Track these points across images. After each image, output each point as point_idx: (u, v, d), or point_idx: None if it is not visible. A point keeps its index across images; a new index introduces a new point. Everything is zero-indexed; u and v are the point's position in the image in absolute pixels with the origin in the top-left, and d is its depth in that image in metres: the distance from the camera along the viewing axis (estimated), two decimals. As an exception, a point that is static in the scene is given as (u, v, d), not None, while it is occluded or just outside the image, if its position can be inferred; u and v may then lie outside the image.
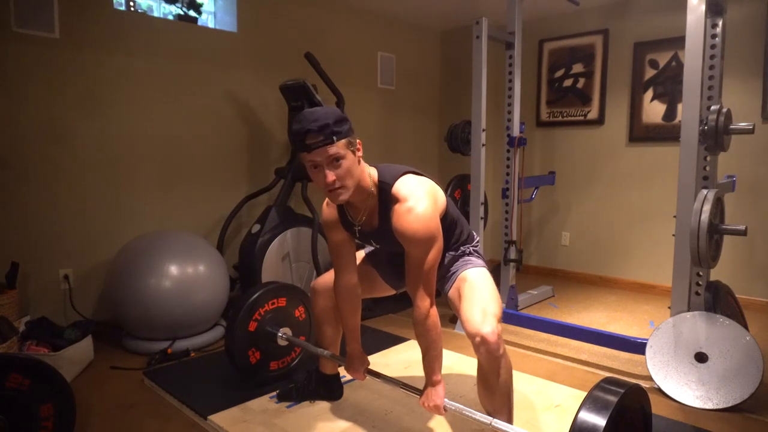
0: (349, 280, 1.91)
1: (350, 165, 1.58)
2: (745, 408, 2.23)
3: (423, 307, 1.66)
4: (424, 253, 1.63)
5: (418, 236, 1.62)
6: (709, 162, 2.46)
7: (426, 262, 1.64)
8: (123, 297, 2.76)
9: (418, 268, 1.65)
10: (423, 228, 1.61)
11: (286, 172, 3.51)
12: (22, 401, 1.67)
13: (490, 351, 1.62)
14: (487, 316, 1.66)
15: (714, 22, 2.43)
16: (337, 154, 1.54)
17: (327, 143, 1.53)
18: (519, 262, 3.57)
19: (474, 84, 3.22)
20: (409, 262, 1.67)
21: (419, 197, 1.64)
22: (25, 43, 2.84)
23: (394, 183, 1.67)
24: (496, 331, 1.63)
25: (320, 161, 1.55)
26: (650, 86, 4.07)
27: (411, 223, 1.61)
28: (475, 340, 1.64)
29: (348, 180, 1.59)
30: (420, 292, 1.66)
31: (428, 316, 1.67)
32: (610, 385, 1.32)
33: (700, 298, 2.46)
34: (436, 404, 1.73)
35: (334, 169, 1.56)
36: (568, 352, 2.92)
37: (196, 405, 2.20)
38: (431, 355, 1.73)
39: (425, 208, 1.63)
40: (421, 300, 1.67)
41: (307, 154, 1.55)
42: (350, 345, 2.00)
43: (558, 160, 4.63)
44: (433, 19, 4.89)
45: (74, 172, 3.06)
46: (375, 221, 1.75)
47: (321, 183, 1.58)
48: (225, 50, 3.67)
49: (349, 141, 1.58)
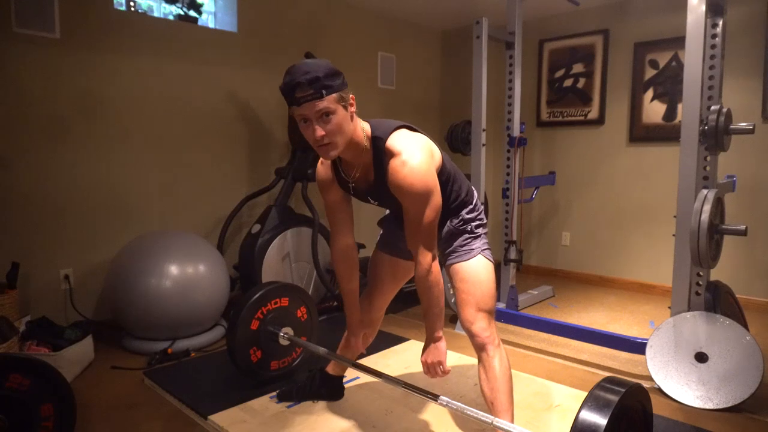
0: (346, 242, 1.90)
1: (341, 120, 1.52)
2: (745, 408, 2.23)
3: (424, 263, 1.65)
4: (422, 207, 1.60)
5: (415, 190, 1.58)
6: (709, 162, 2.46)
7: (425, 217, 1.61)
8: (123, 297, 2.76)
9: (417, 224, 1.62)
10: (419, 181, 1.58)
11: (286, 172, 3.51)
12: (22, 401, 1.67)
13: (483, 346, 1.72)
14: (479, 312, 1.72)
15: (714, 22, 2.43)
16: (326, 109, 1.49)
17: (316, 97, 1.47)
18: (519, 262, 3.58)
19: (474, 84, 3.22)
20: (408, 218, 1.64)
21: (414, 151, 1.60)
22: (25, 43, 2.84)
23: (387, 138, 1.63)
24: (486, 327, 1.72)
25: (309, 116, 1.50)
26: (650, 86, 4.07)
27: (406, 177, 1.58)
28: (468, 335, 1.75)
29: (337, 136, 1.54)
30: (420, 248, 1.64)
31: (429, 272, 1.65)
32: (611, 385, 1.32)
33: (700, 298, 2.46)
34: (439, 360, 1.73)
35: (324, 124, 1.50)
36: (568, 352, 2.92)
37: (196, 405, 2.20)
38: (433, 312, 1.71)
39: (420, 161, 1.59)
40: (423, 256, 1.64)
41: (296, 107, 1.50)
42: (349, 310, 1.99)
43: (558, 160, 4.63)
44: (433, 19, 4.89)
45: (74, 171, 3.05)
46: (371, 177, 1.70)
47: (310, 138, 1.55)
48: (225, 50, 3.67)
49: (341, 96, 1.52)
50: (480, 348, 1.74)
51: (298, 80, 1.47)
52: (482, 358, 1.74)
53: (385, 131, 1.64)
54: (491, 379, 1.71)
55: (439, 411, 2.14)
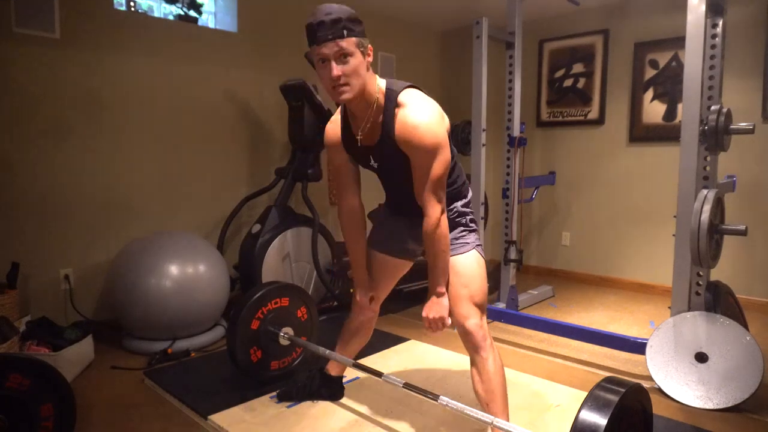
0: (352, 203, 1.90)
1: (358, 64, 1.56)
2: (745, 408, 2.23)
3: (433, 216, 1.64)
4: (431, 160, 1.60)
5: (425, 141, 1.58)
6: (709, 162, 2.46)
7: (433, 170, 1.61)
8: (123, 297, 2.76)
9: (426, 176, 1.61)
10: (429, 132, 1.58)
11: (286, 172, 3.51)
12: (22, 401, 1.67)
13: (474, 343, 1.71)
14: (472, 308, 1.71)
15: (714, 22, 2.43)
16: (346, 50, 1.53)
17: (337, 36, 1.51)
18: (519, 262, 3.58)
19: (474, 84, 3.22)
20: (417, 173, 1.64)
21: (425, 105, 1.63)
22: (25, 43, 2.84)
23: (400, 91, 1.65)
24: (479, 324, 1.70)
25: (328, 54, 1.53)
26: (650, 86, 4.07)
27: (417, 128, 1.58)
28: (461, 333, 1.74)
29: (354, 78, 1.56)
30: (430, 200, 1.63)
31: (438, 226, 1.64)
32: (611, 385, 1.32)
33: (700, 298, 2.46)
34: (441, 315, 1.71)
35: (342, 65, 1.54)
36: (568, 352, 2.92)
37: (196, 405, 2.20)
38: (438, 266, 1.70)
39: (432, 114, 1.61)
40: (432, 208, 1.64)
41: (316, 46, 1.54)
42: (357, 272, 1.97)
43: (558, 160, 4.63)
44: (433, 19, 4.89)
45: (74, 171, 3.05)
46: (377, 134, 1.69)
47: (326, 78, 1.57)
48: (225, 50, 3.67)
49: (361, 41, 1.56)
50: (474, 348, 1.72)
51: (321, 19, 1.52)
52: (476, 359, 1.73)
53: (400, 86, 1.67)
54: (485, 380, 1.71)
55: (439, 411, 2.14)
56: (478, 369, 1.72)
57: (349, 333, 2.15)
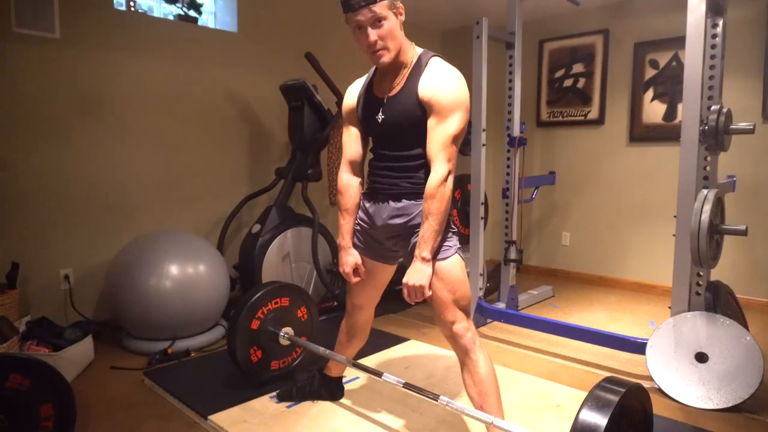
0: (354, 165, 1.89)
1: (393, 26, 1.60)
2: (745, 408, 2.23)
3: (439, 173, 1.61)
4: (450, 115, 1.60)
5: (449, 95, 1.60)
6: (709, 162, 2.46)
7: (450, 126, 1.61)
8: (123, 297, 2.76)
9: (441, 132, 1.61)
10: (455, 88, 1.61)
11: (286, 172, 3.51)
12: (22, 401, 1.67)
13: (463, 345, 1.69)
14: (457, 312, 1.69)
15: (714, 22, 2.43)
16: (380, 14, 1.57)
17: (370, 2, 1.55)
18: (519, 262, 3.58)
19: (474, 84, 3.22)
20: (432, 128, 1.63)
21: (455, 70, 1.67)
22: (25, 43, 2.84)
23: (434, 55, 1.71)
24: (466, 327, 1.69)
25: (363, 21, 1.58)
26: (650, 86, 4.07)
27: (444, 81, 1.62)
28: (448, 338, 1.72)
29: (390, 41, 1.61)
30: (441, 157, 1.61)
31: (442, 184, 1.61)
32: (611, 385, 1.32)
33: (700, 298, 2.46)
34: (422, 284, 1.63)
35: (377, 29, 1.59)
36: (568, 352, 2.92)
37: (196, 405, 2.20)
38: (430, 226, 1.62)
39: (459, 77, 1.65)
40: (441, 165, 1.61)
41: (351, 14, 1.58)
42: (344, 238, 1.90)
43: (558, 160, 4.63)
44: (433, 19, 4.89)
45: (74, 171, 3.05)
46: (399, 85, 1.70)
47: (364, 44, 1.62)
48: (225, 50, 3.67)
49: (392, 2, 1.60)
50: (463, 351, 1.70)
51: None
52: (466, 362, 1.71)
53: (432, 53, 1.73)
54: (478, 383, 1.69)
55: (439, 411, 2.14)
56: (469, 372, 1.71)
57: (345, 334, 2.13)
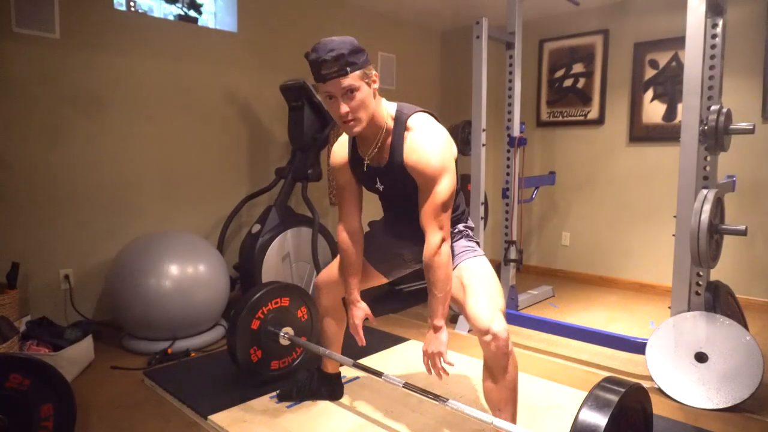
0: (353, 223, 1.89)
1: (364, 97, 1.58)
2: (745, 408, 2.23)
3: (432, 242, 1.63)
4: (436, 184, 1.61)
5: (432, 165, 1.60)
6: (709, 162, 2.46)
7: (438, 194, 1.61)
8: (123, 297, 2.76)
9: (430, 201, 1.62)
10: (436, 157, 1.60)
11: (286, 172, 3.51)
12: (22, 401, 1.67)
13: (500, 348, 1.60)
14: (496, 311, 1.63)
15: (714, 22, 2.43)
16: (351, 86, 1.55)
17: (341, 74, 1.52)
18: (519, 262, 3.58)
19: (474, 84, 3.22)
20: (422, 197, 1.64)
21: (435, 130, 1.64)
22: (25, 43, 2.84)
23: (411, 115, 1.68)
24: (506, 328, 1.62)
25: (334, 92, 1.56)
26: (650, 86, 4.07)
27: (424, 152, 1.61)
28: (485, 337, 1.60)
29: (361, 112, 1.59)
30: (432, 226, 1.63)
31: (436, 253, 1.62)
32: (611, 385, 1.32)
33: (700, 298, 2.46)
34: (439, 351, 1.68)
35: (348, 101, 1.56)
36: (568, 352, 2.92)
37: (196, 405, 2.20)
38: (436, 297, 1.65)
39: (440, 139, 1.63)
40: (433, 234, 1.63)
41: (322, 84, 1.56)
42: (351, 293, 1.91)
43: (558, 160, 4.63)
44: (433, 19, 4.89)
45: (74, 171, 3.05)
46: (385, 156, 1.70)
47: (335, 114, 1.60)
48: (225, 50, 3.67)
49: (365, 72, 1.57)
50: (500, 355, 1.61)
51: (324, 58, 1.52)
52: (498, 365, 1.63)
53: (410, 109, 1.70)
54: (502, 387, 1.65)
55: (439, 411, 2.14)
56: (495, 376, 1.64)
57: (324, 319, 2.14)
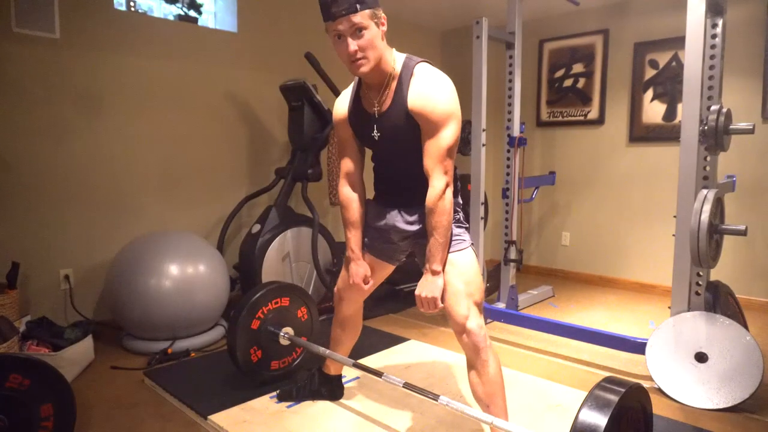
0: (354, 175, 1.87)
1: (373, 37, 1.57)
2: (745, 408, 2.23)
3: (438, 186, 1.62)
4: (443, 128, 1.60)
5: (440, 108, 1.59)
6: (709, 162, 2.46)
7: (444, 139, 1.61)
8: (123, 297, 2.76)
9: (435, 145, 1.61)
10: (444, 100, 1.61)
11: (286, 172, 3.51)
12: (22, 401, 1.67)
13: (476, 342, 1.66)
14: (472, 307, 1.67)
15: (714, 22, 2.43)
16: (360, 24, 1.53)
17: (351, 12, 1.52)
18: (519, 262, 3.58)
19: (474, 84, 3.22)
20: (426, 142, 1.63)
21: (442, 77, 1.65)
22: (25, 43, 2.84)
23: (418, 62, 1.68)
24: (480, 324, 1.66)
25: (343, 30, 1.54)
26: (650, 86, 4.07)
27: (432, 94, 1.61)
28: (461, 335, 1.67)
29: (370, 51, 1.57)
30: (437, 170, 1.62)
31: (441, 198, 1.62)
32: (611, 385, 1.32)
33: (700, 298, 2.46)
34: (434, 296, 1.65)
35: (357, 39, 1.55)
36: (568, 352, 2.92)
37: (196, 405, 2.20)
38: (437, 241, 1.64)
39: (448, 84, 1.64)
40: (438, 179, 1.62)
41: (331, 23, 1.55)
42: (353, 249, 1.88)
43: (558, 160, 4.63)
44: (433, 19, 4.89)
45: (74, 171, 3.05)
46: (388, 101, 1.68)
47: (343, 54, 1.58)
48: (225, 50, 3.67)
49: (374, 12, 1.56)
50: (474, 350, 1.67)
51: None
52: (476, 361, 1.68)
53: (416, 59, 1.71)
54: (486, 382, 1.68)
55: (439, 411, 2.14)
56: (478, 371, 1.69)
57: (338, 328, 2.13)
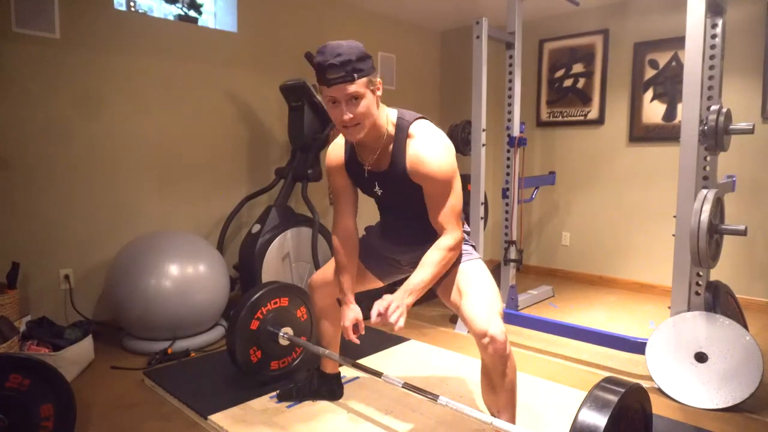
0: (348, 226, 1.88)
1: (369, 104, 1.57)
2: (745, 408, 2.23)
3: (455, 237, 1.62)
4: (448, 190, 1.61)
5: (441, 173, 1.60)
6: (709, 162, 2.46)
7: (452, 199, 1.62)
8: (123, 297, 2.76)
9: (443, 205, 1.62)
10: (444, 164, 1.60)
11: (286, 172, 3.51)
12: (22, 401, 1.67)
13: (498, 350, 1.56)
14: (493, 314, 1.60)
15: (714, 22, 2.43)
16: (356, 93, 1.53)
17: (347, 80, 1.50)
18: (519, 262, 3.57)
19: (474, 84, 3.22)
20: (433, 202, 1.64)
21: (438, 136, 1.65)
22: (25, 43, 2.84)
23: (412, 122, 1.67)
24: (503, 330, 1.58)
25: (338, 97, 1.53)
26: (650, 86, 4.07)
27: (431, 159, 1.60)
28: (483, 340, 1.56)
29: (365, 119, 1.58)
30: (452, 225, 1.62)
31: (454, 248, 1.63)
32: (611, 385, 1.32)
33: (700, 298, 2.46)
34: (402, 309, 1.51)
35: (352, 107, 1.54)
36: (568, 352, 2.92)
37: (196, 405, 2.20)
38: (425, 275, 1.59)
39: (444, 145, 1.63)
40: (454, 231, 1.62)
41: (326, 88, 1.54)
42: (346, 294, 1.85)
43: (558, 160, 4.63)
44: (433, 19, 4.89)
45: (74, 172, 3.06)
46: (386, 162, 1.69)
47: (337, 119, 1.58)
48: (225, 50, 3.67)
49: (370, 80, 1.56)
50: (498, 357, 1.58)
51: (330, 62, 1.49)
52: (496, 368, 1.59)
53: (411, 116, 1.69)
54: (500, 392, 1.63)
55: (439, 411, 2.14)
56: (493, 379, 1.62)
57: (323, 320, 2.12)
